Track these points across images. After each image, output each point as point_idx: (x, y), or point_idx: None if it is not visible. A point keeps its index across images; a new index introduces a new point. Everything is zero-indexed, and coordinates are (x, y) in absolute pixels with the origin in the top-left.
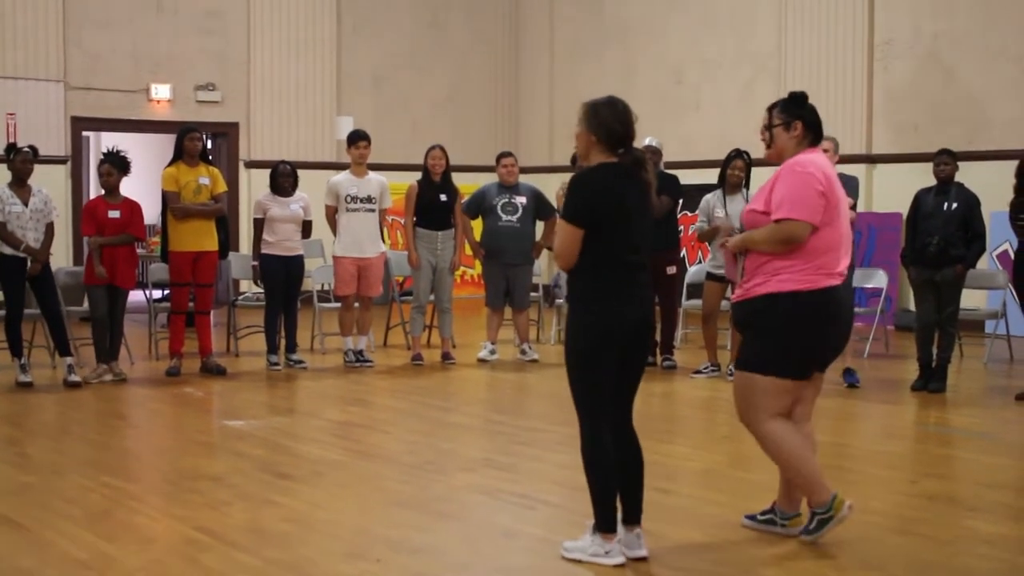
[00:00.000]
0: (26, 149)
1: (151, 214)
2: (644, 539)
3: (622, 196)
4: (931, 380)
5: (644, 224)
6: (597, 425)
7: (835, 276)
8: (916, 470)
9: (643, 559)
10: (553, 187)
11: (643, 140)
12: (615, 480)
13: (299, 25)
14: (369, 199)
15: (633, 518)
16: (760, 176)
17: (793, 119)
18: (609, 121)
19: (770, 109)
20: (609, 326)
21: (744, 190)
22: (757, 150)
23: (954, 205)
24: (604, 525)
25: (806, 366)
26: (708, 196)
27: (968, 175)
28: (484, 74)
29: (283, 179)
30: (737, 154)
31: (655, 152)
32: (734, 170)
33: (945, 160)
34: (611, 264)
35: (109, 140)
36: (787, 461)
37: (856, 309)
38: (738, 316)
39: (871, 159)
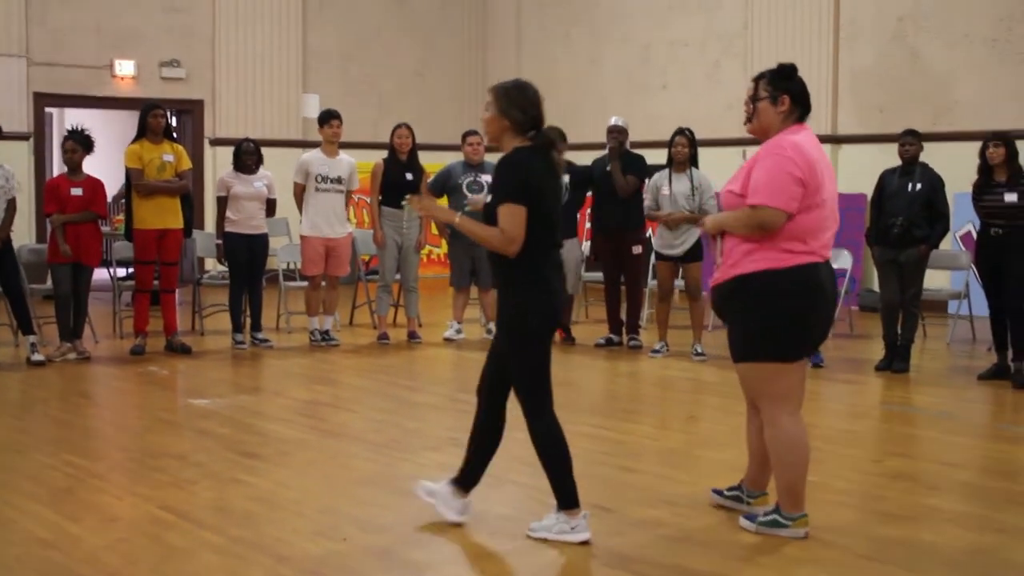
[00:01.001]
0: None
1: (114, 191)
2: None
3: (542, 177)
4: (895, 360)
5: (558, 205)
6: (545, 404)
7: (814, 255)
8: (880, 449)
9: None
10: None
11: (609, 119)
12: (569, 455)
13: (265, 2)
14: (339, 180)
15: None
16: (706, 155)
17: (780, 93)
18: (521, 104)
19: (756, 80)
20: (554, 305)
21: (691, 169)
22: (723, 130)
23: (918, 186)
24: (567, 501)
25: (795, 345)
26: (656, 175)
27: (933, 156)
28: (451, 52)
29: (247, 157)
30: (679, 132)
31: (621, 131)
32: (677, 147)
33: (910, 140)
34: (544, 244)
35: (72, 117)
36: (780, 461)
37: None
38: (716, 300)
39: (836, 140)
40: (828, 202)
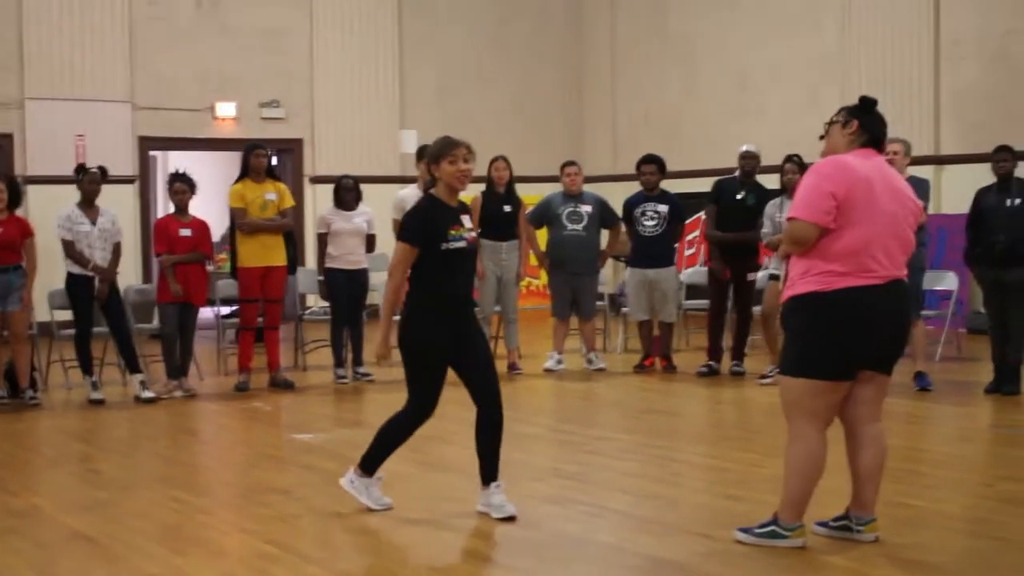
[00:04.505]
0: (94, 170)
1: (217, 232)
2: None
3: None
4: (1004, 382)
5: None
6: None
7: (864, 276)
8: (991, 473)
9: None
10: (618, 196)
11: (738, 147)
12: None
13: (362, 40)
14: None
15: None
16: None
17: (852, 118)
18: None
19: (840, 110)
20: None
21: None
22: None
23: (1017, 201)
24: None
25: (836, 366)
26: (772, 201)
27: None
28: (548, 85)
29: (346, 193)
30: (787, 159)
31: (753, 157)
32: (788, 174)
33: (1004, 157)
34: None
35: (176, 159)
36: (795, 470)
37: (925, 312)
38: (780, 319)
39: (939, 160)
40: (878, 221)
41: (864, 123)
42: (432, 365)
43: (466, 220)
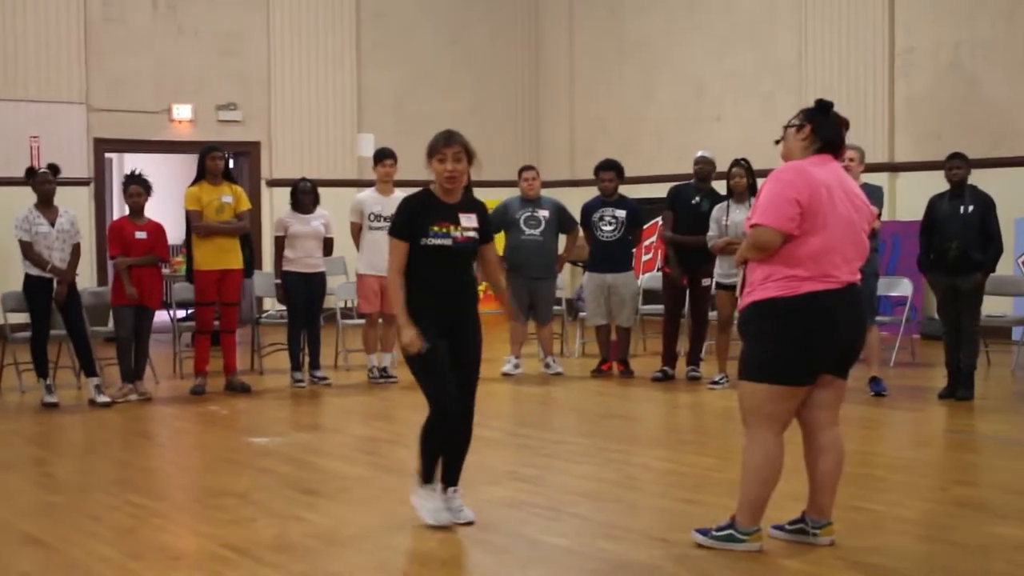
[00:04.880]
0: (43, 170)
1: (173, 235)
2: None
3: None
4: (959, 388)
5: None
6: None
7: (826, 281)
8: (946, 477)
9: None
10: (575, 201)
11: (695, 153)
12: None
13: (320, 43)
14: None
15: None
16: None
17: (806, 122)
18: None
19: (798, 113)
20: None
21: (751, 199)
22: (778, 161)
23: (970, 208)
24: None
25: (799, 371)
26: (718, 206)
27: (994, 181)
28: (505, 90)
29: (303, 196)
30: (736, 163)
31: (708, 163)
32: (735, 178)
33: (957, 164)
34: None
35: (132, 161)
36: (752, 474)
37: (880, 317)
38: (738, 325)
39: (894, 167)
40: (837, 226)
41: (816, 128)
42: (427, 366)
43: (467, 219)
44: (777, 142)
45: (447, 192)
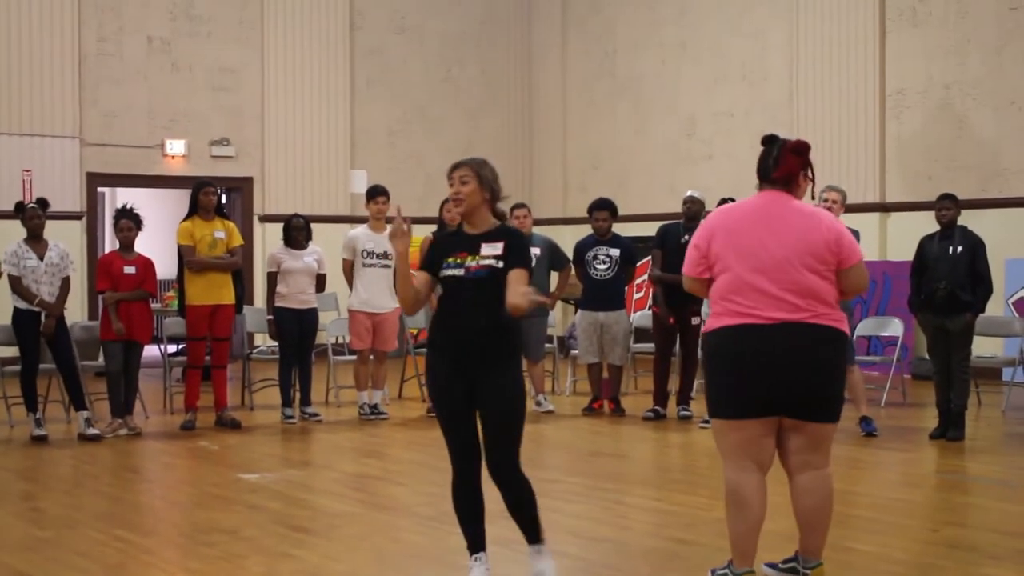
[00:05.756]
0: (32, 205)
1: (165, 269)
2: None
3: None
4: (949, 428)
5: None
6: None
7: (734, 317)
8: (936, 518)
9: None
10: (567, 239)
11: (684, 192)
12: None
13: (313, 80)
14: (385, 255)
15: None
16: None
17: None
18: (495, 179)
19: None
20: None
21: None
22: None
23: (959, 248)
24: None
25: (728, 406)
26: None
27: (983, 221)
28: (497, 128)
29: (296, 232)
30: (722, 202)
31: (696, 202)
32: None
33: (947, 205)
34: None
35: (124, 196)
36: (726, 509)
37: (869, 358)
38: None
39: (885, 208)
40: (744, 263)
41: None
42: (440, 412)
43: (491, 247)
44: None
45: (468, 220)
